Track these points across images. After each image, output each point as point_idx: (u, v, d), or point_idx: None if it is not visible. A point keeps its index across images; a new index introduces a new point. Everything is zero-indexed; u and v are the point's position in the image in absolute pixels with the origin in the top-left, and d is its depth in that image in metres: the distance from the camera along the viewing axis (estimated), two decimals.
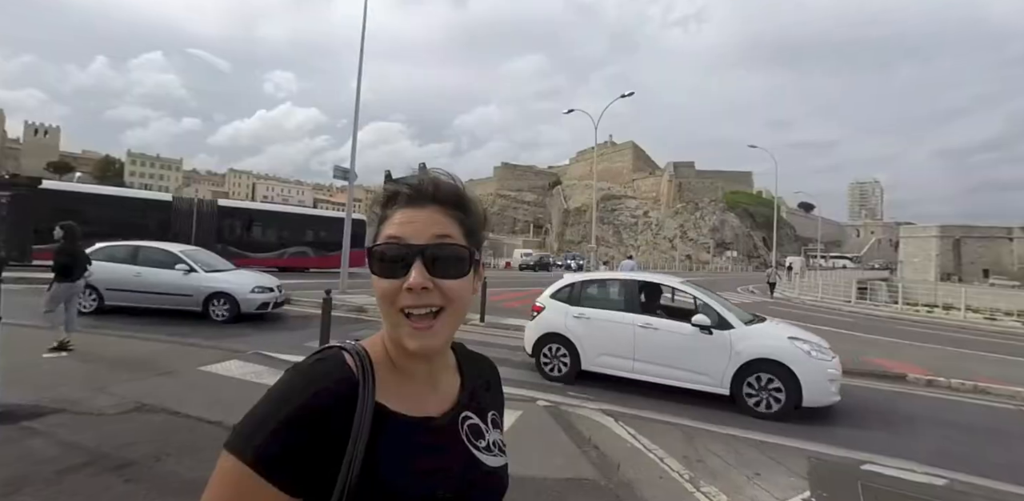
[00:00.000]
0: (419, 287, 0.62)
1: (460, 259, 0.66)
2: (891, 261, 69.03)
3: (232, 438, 0.58)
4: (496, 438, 0.77)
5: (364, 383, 0.63)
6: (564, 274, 7.78)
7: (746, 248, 76.27)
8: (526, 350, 6.61)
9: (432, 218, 0.66)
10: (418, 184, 0.68)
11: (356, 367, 0.64)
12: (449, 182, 0.70)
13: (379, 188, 0.74)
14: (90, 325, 7.50)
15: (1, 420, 3.58)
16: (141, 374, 4.95)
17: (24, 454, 3.09)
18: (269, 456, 0.56)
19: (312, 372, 0.64)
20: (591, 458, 3.68)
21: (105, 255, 8.99)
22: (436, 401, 0.72)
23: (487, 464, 0.72)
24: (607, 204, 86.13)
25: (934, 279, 45.05)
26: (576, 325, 6.17)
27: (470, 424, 0.74)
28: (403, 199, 0.67)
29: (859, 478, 3.66)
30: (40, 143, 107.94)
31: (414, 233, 0.65)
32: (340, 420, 0.60)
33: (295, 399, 0.60)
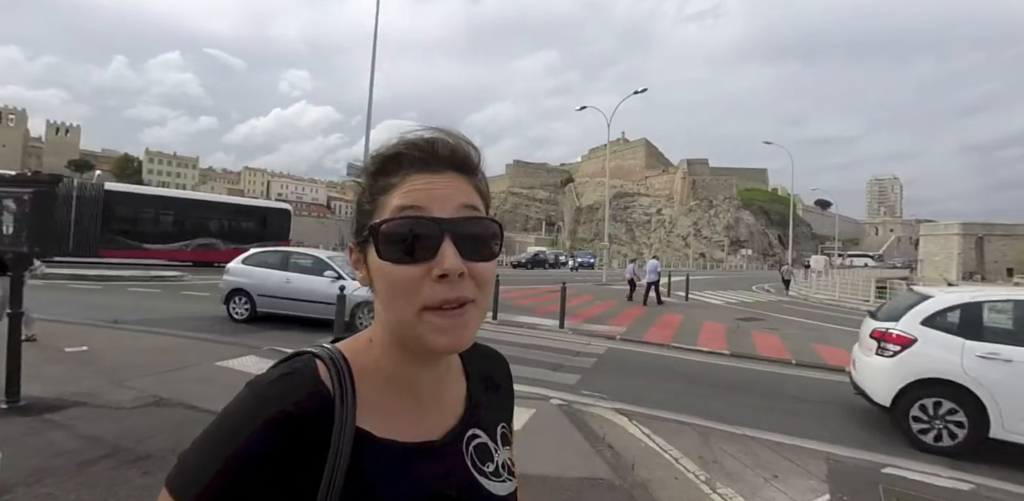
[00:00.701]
0: (457, 272, 0.48)
1: (493, 237, 0.53)
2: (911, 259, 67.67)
3: (173, 475, 0.48)
4: (505, 459, 0.64)
5: (342, 402, 0.50)
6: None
7: (761, 246, 75.34)
8: (876, 401, 4.72)
9: (455, 184, 0.52)
10: (429, 145, 0.53)
11: (331, 380, 0.51)
12: (465, 145, 0.55)
13: None
14: (109, 320, 7.65)
15: (24, 413, 3.66)
16: (159, 369, 5.02)
17: (46, 446, 3.15)
18: (212, 500, 0.45)
19: (270, 391, 0.50)
20: (605, 457, 3.64)
21: (257, 261, 8.79)
22: (436, 417, 0.58)
23: (494, 493, 0.59)
24: (620, 202, 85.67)
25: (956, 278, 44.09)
26: (984, 370, 4.21)
27: (477, 444, 0.60)
28: (409, 163, 0.52)
29: (880, 481, 3.58)
30: (61, 142, 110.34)
31: (437, 203, 0.50)
32: (307, 454, 0.47)
33: (244, 430, 0.47)
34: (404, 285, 0.49)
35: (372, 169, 0.54)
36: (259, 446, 0.46)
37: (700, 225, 77.81)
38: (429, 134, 0.54)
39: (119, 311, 8.70)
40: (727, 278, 36.37)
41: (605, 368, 6.82)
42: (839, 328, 12.17)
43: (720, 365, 7.53)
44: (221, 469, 0.46)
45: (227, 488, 0.45)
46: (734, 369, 7.30)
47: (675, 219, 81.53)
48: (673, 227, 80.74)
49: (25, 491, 2.59)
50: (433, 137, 0.54)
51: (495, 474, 0.60)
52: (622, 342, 8.81)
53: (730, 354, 8.11)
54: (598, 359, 7.33)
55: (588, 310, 12.66)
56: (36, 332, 5.73)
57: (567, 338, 8.94)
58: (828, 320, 13.79)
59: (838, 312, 16.72)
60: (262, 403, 0.49)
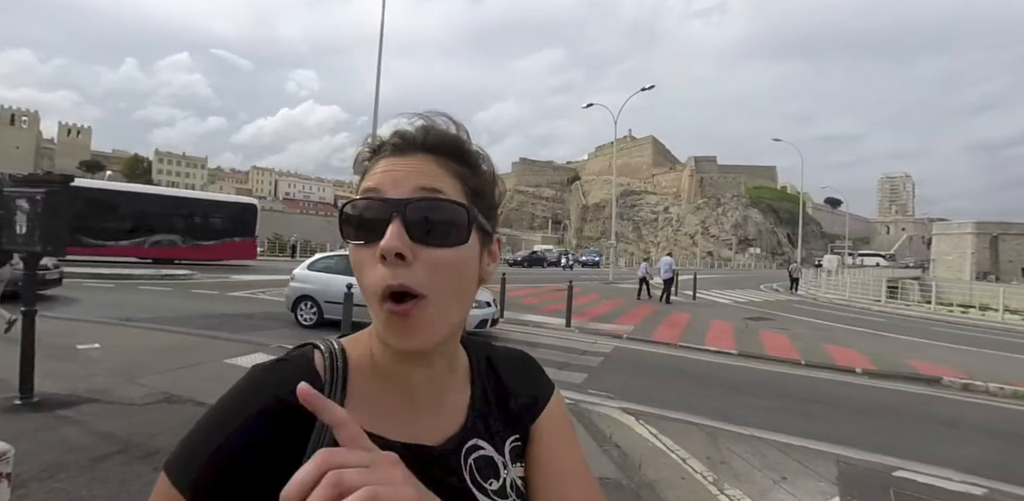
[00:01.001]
0: (392, 251, 0.45)
1: (452, 221, 0.48)
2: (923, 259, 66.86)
3: (171, 460, 0.48)
4: (514, 478, 0.57)
5: (331, 391, 0.50)
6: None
7: (770, 245, 74.78)
8: None
9: (418, 167, 0.50)
10: (406, 130, 0.52)
11: (325, 370, 0.52)
12: (444, 129, 0.53)
13: None
14: (121, 318, 7.74)
15: (38, 408, 3.71)
16: (169, 366, 5.08)
17: (59, 441, 3.19)
18: (205, 488, 0.46)
19: (266, 377, 0.51)
20: (612, 457, 3.63)
21: (322, 266, 8.69)
22: (433, 421, 0.54)
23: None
24: (626, 200, 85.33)
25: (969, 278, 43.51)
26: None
27: (479, 457, 0.55)
28: (388, 149, 0.52)
29: (891, 485, 3.54)
30: (73, 143, 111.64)
31: (394, 184, 0.49)
32: (297, 442, 0.47)
33: (239, 414, 0.48)
34: (360, 267, 0.49)
35: (364, 156, 0.54)
36: (249, 436, 0.47)
37: (708, 223, 77.34)
38: (419, 120, 0.53)
39: (131, 309, 8.79)
40: (735, 277, 36.13)
41: (612, 367, 6.80)
42: (849, 328, 12.06)
43: (728, 365, 7.48)
44: (213, 457, 0.46)
45: (219, 475, 0.46)
46: (742, 369, 7.25)
47: (682, 217, 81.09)
48: (680, 225, 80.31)
49: (39, 486, 2.63)
50: (420, 123, 0.53)
51: (500, 494, 0.54)
52: (629, 341, 8.78)
53: (738, 354, 8.06)
54: (605, 358, 7.31)
55: (595, 309, 12.62)
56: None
57: (573, 337, 8.92)
58: (838, 320, 13.67)
59: (849, 312, 16.57)
60: (255, 390, 0.50)
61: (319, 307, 8.40)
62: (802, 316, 14.10)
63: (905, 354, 8.85)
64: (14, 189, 3.91)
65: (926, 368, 7.67)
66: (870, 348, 9.20)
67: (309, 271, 8.74)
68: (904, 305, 19.89)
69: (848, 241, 61.85)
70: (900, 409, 5.76)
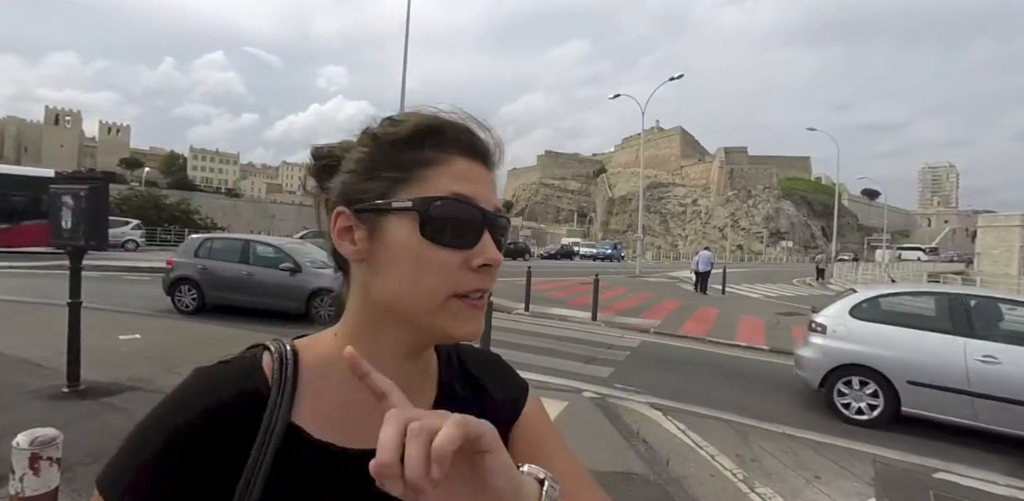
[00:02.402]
0: (499, 264, 0.48)
1: (506, 237, 0.53)
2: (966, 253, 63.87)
3: (103, 474, 0.46)
4: None
5: (278, 397, 0.47)
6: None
7: (803, 238, 72.63)
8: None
9: (492, 182, 0.52)
10: (473, 131, 0.51)
11: (272, 372, 0.49)
12: (491, 134, 0.53)
13: None
14: (163, 311, 8.05)
15: (84, 396, 3.89)
16: (206, 357, 5.20)
17: (103, 428, 3.34)
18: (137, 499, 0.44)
19: (206, 381, 0.49)
20: (639, 452, 3.60)
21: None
22: None
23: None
24: (653, 192, 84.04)
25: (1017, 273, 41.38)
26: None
27: None
28: (454, 143, 0.50)
29: (931, 487, 3.40)
30: (113, 141, 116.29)
31: (484, 196, 0.49)
32: (233, 449, 0.45)
33: (173, 420, 0.46)
34: (441, 269, 0.46)
35: (404, 135, 0.49)
36: (187, 435, 0.45)
37: (738, 216, 75.58)
38: (465, 119, 0.52)
39: (168, 301, 9.13)
40: (766, 271, 35.24)
41: (638, 361, 6.73)
42: None
43: (759, 361, 7.31)
44: (150, 460, 0.45)
45: (151, 485, 0.44)
46: (774, 365, 7.07)
47: (711, 210, 79.42)
48: (709, 218, 78.71)
49: (84, 470, 2.75)
50: (471, 126, 0.52)
51: None
52: (656, 335, 8.67)
53: (769, 349, 7.86)
54: (631, 352, 7.24)
55: (621, 303, 12.50)
56: None
57: (600, 331, 8.86)
58: None
59: None
60: (199, 392, 0.48)
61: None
62: None
63: None
64: (60, 186, 4.08)
65: None
66: None
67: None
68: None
69: (886, 234, 59.50)
70: None
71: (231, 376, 0.49)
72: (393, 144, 0.49)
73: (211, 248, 8.63)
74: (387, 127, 0.50)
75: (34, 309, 7.27)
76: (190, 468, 0.44)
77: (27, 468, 1.78)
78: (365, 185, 0.49)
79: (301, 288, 7.77)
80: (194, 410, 0.46)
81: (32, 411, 3.54)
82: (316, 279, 7.72)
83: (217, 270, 8.26)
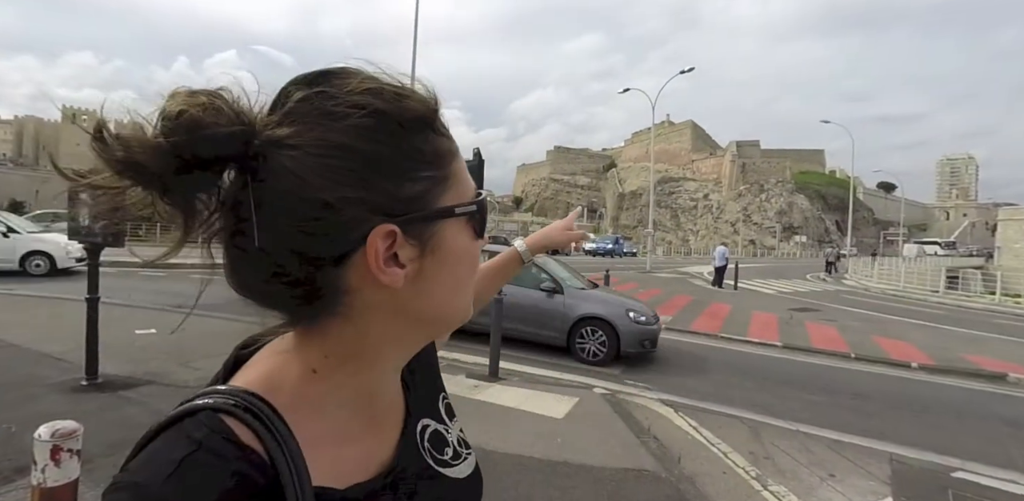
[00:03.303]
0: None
1: None
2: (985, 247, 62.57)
3: None
4: (457, 435, 0.56)
5: (290, 470, 0.35)
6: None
7: (816, 232, 71.65)
8: None
9: None
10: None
11: (262, 441, 0.36)
12: None
13: None
14: (174, 305, 8.17)
15: (102, 389, 3.97)
16: (220, 351, 5.28)
17: (122, 420, 3.40)
18: None
19: (175, 499, 0.32)
20: (650, 449, 3.58)
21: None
22: (391, 424, 0.48)
23: (458, 478, 0.52)
24: (664, 187, 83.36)
25: None
26: None
27: (431, 434, 0.52)
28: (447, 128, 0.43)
29: (949, 486, 3.35)
30: None
31: None
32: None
33: None
34: (475, 257, 0.45)
35: (427, 116, 0.40)
36: None
37: (750, 210, 74.72)
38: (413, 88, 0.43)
39: (182, 296, 9.25)
40: (779, 266, 34.87)
41: (650, 357, 6.69)
42: (903, 320, 11.45)
43: (772, 357, 7.24)
44: None
45: None
46: (787, 361, 7.00)
47: (723, 204, 78.61)
48: (721, 213, 77.93)
49: (103, 461, 2.81)
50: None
51: (454, 457, 0.53)
52: (667, 331, 8.59)
53: (782, 346, 7.78)
54: None
55: None
56: None
57: None
58: (891, 312, 12.99)
59: (902, 303, 15.74)
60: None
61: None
62: (851, 307, 13.47)
63: (966, 348, 8.32)
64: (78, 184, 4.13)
65: (989, 363, 7.19)
66: (927, 341, 8.70)
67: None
68: (965, 296, 18.69)
69: (903, 228, 58.48)
70: (960, 407, 5.43)
71: (214, 477, 0.33)
72: (431, 132, 0.40)
73: None
74: (395, 102, 0.38)
75: (54, 304, 7.42)
76: None
77: (48, 459, 1.81)
78: (403, 190, 0.38)
79: (564, 315, 6.40)
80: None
81: (53, 404, 3.62)
82: (581, 304, 6.42)
83: None
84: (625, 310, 6.28)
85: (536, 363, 5.95)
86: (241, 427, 0.36)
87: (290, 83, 0.38)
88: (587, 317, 6.30)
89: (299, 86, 0.38)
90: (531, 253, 0.89)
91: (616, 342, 6.07)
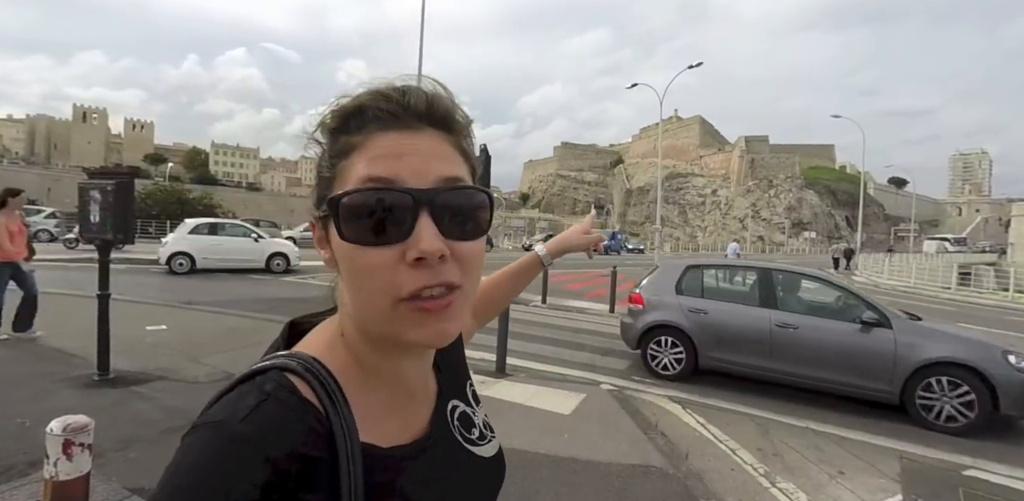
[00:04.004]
0: (436, 255, 0.40)
1: (481, 209, 0.45)
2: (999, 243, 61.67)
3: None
4: (483, 418, 0.61)
5: (342, 427, 0.40)
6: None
7: (826, 228, 71.01)
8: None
9: (432, 149, 0.43)
10: (400, 94, 0.43)
11: (321, 401, 0.41)
12: (444, 96, 0.46)
13: None
14: (183, 301, 8.24)
15: (114, 385, 4.02)
16: (229, 347, 5.37)
17: (133, 416, 3.44)
18: None
19: (250, 433, 0.38)
20: (658, 445, 3.57)
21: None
22: (424, 400, 0.53)
23: (485, 456, 0.57)
24: (672, 183, 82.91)
25: None
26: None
27: (460, 415, 0.57)
28: (375, 118, 0.43)
29: (961, 484, 3.31)
30: (138, 137, 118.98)
31: (412, 172, 0.42)
32: (320, 493, 0.39)
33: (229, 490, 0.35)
34: (373, 271, 0.41)
35: (331, 124, 0.45)
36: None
37: (759, 206, 74.19)
38: (400, 82, 0.45)
39: (192, 293, 9.36)
40: (789, 262, 34.55)
41: None
42: None
43: None
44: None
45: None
46: None
47: (731, 200, 78.08)
48: (729, 209, 77.42)
49: (115, 456, 2.85)
50: (405, 86, 0.44)
51: (480, 438, 0.58)
52: None
53: None
54: None
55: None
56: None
57: (617, 323, 8.79)
58: (901, 308, 12.82)
59: (912, 299, 15.56)
60: (245, 454, 0.37)
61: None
62: None
63: None
64: (88, 181, 4.17)
65: None
66: None
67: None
68: (977, 292, 18.46)
69: (914, 224, 57.77)
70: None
71: (283, 418, 0.39)
72: (328, 136, 0.45)
73: (702, 281, 5.88)
74: (325, 117, 0.46)
75: (65, 301, 7.51)
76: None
77: (60, 453, 1.83)
78: (319, 189, 0.46)
79: (898, 358, 4.54)
80: (254, 477, 0.37)
81: (65, 399, 3.66)
82: (926, 343, 4.57)
83: (724, 318, 5.34)
84: (1001, 353, 4.38)
85: (544, 359, 5.95)
86: (303, 384, 0.42)
87: None
88: (939, 362, 4.40)
89: None
90: (551, 257, 0.93)
91: (989, 400, 4.22)
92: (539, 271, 0.93)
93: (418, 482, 0.46)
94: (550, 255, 0.93)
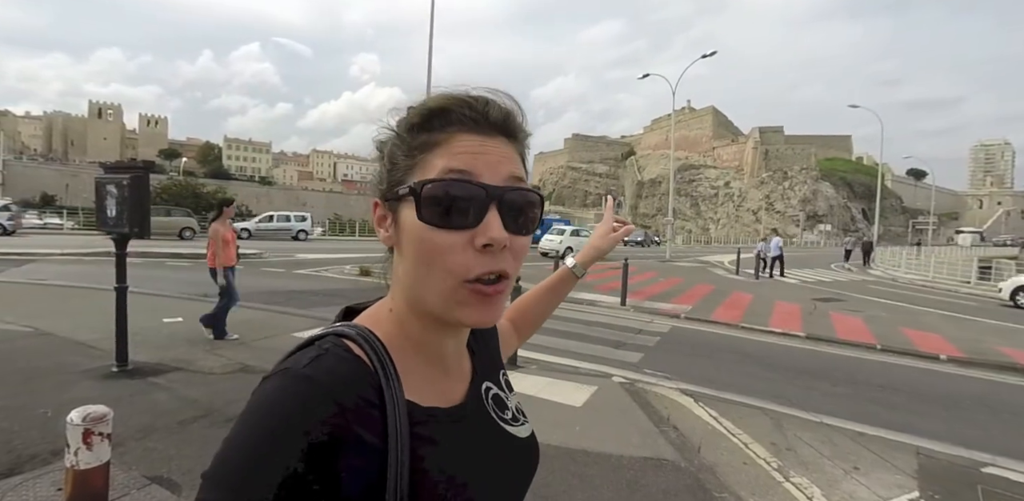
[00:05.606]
0: (501, 244, 0.47)
1: (534, 209, 0.51)
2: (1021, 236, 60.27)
3: (222, 480, 0.41)
4: (516, 403, 0.65)
5: (387, 380, 0.47)
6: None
7: (842, 221, 69.84)
8: None
9: (504, 152, 0.50)
10: (481, 104, 0.50)
11: (370, 359, 0.48)
12: (515, 109, 0.53)
13: None
14: (199, 294, 8.36)
15: (132, 375, 4.10)
16: (244, 338, 5.45)
17: (150, 406, 3.51)
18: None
19: (315, 379, 0.44)
20: (670, 438, 3.56)
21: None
22: (459, 377, 0.58)
23: (519, 437, 0.60)
24: (684, 174, 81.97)
25: None
26: None
27: (493, 395, 0.61)
28: (458, 121, 0.50)
29: (979, 482, 3.26)
30: (153, 132, 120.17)
31: (487, 170, 0.48)
32: (371, 439, 0.43)
33: (300, 425, 0.41)
34: (445, 251, 0.47)
35: (414, 121, 0.51)
36: (333, 437, 0.41)
37: (773, 198, 73.08)
38: (479, 93, 0.52)
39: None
40: (803, 255, 34.13)
41: (669, 347, 6.64)
42: (931, 311, 11.13)
43: (794, 348, 7.11)
44: (288, 476, 0.40)
45: (301, 492, 0.40)
46: (810, 352, 6.87)
47: (745, 192, 77.02)
48: (743, 201, 76.40)
49: (134, 445, 2.90)
50: (485, 97, 0.52)
51: (514, 419, 0.61)
52: (687, 321, 8.53)
53: (806, 336, 7.63)
54: (661, 338, 7.14)
55: (651, 288, 12.33)
56: None
57: (629, 316, 8.77)
58: (920, 302, 12.64)
59: (931, 294, 15.29)
60: (314, 392, 0.43)
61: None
62: (878, 298, 13.14)
63: (998, 341, 8.04)
64: (103, 176, 4.22)
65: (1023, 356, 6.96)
66: (956, 333, 8.45)
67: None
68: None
69: (933, 216, 56.60)
70: (991, 400, 5.26)
71: (339, 370, 0.45)
72: (409, 131, 0.51)
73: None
74: (410, 114, 0.52)
75: (84, 294, 7.66)
76: (336, 471, 0.42)
77: (81, 443, 1.87)
78: (392, 174, 0.52)
79: None
80: (325, 411, 0.42)
81: (84, 389, 3.74)
82: None
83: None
84: None
85: (555, 351, 5.95)
86: (355, 346, 0.48)
87: None
88: None
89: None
90: (582, 268, 0.94)
91: None
92: (574, 284, 0.94)
93: (457, 449, 0.50)
94: (582, 266, 0.94)
